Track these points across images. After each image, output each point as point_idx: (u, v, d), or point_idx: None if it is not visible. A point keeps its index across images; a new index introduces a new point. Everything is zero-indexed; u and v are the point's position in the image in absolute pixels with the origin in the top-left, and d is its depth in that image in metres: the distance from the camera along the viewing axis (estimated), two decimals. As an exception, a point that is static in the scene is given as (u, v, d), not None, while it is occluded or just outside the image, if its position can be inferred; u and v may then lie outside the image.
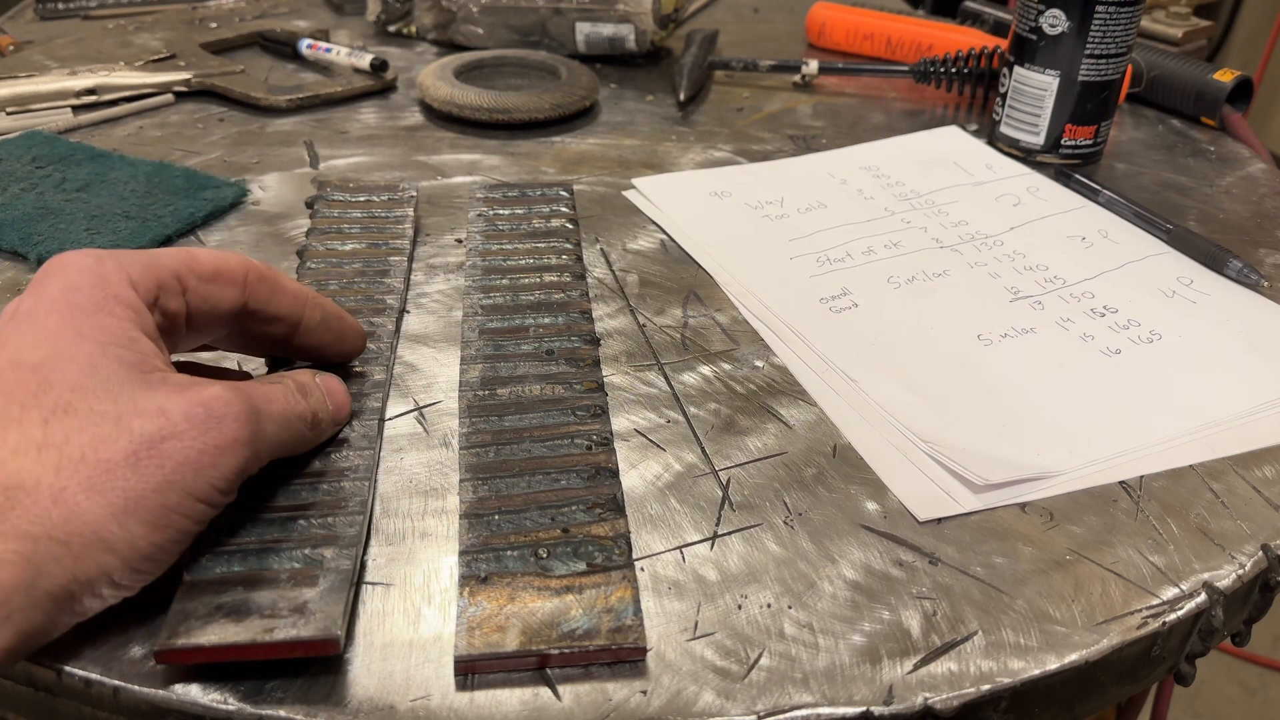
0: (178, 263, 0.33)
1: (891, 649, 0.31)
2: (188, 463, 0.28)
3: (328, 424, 0.35)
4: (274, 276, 0.35)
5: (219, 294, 0.33)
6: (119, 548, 0.27)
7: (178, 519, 0.28)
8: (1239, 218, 0.58)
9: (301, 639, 0.28)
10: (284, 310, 0.35)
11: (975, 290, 0.49)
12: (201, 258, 0.33)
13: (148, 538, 0.27)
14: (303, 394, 0.34)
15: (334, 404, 0.36)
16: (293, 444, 0.33)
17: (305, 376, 0.35)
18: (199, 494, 0.28)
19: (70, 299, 0.29)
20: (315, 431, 0.34)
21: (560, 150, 0.63)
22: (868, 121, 0.70)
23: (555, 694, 0.29)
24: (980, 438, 0.39)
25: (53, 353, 0.28)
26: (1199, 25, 1.34)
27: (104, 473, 0.27)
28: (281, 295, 0.35)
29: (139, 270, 0.31)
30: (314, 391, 0.35)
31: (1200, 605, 0.33)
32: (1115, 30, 0.58)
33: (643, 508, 0.36)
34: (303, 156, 0.61)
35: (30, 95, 0.65)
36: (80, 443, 0.27)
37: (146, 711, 0.29)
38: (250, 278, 0.34)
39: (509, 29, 0.76)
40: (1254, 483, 0.38)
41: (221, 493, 0.29)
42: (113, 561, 0.27)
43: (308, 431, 0.34)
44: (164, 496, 0.28)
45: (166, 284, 0.32)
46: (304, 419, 0.33)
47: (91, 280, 0.30)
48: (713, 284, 0.50)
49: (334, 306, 0.38)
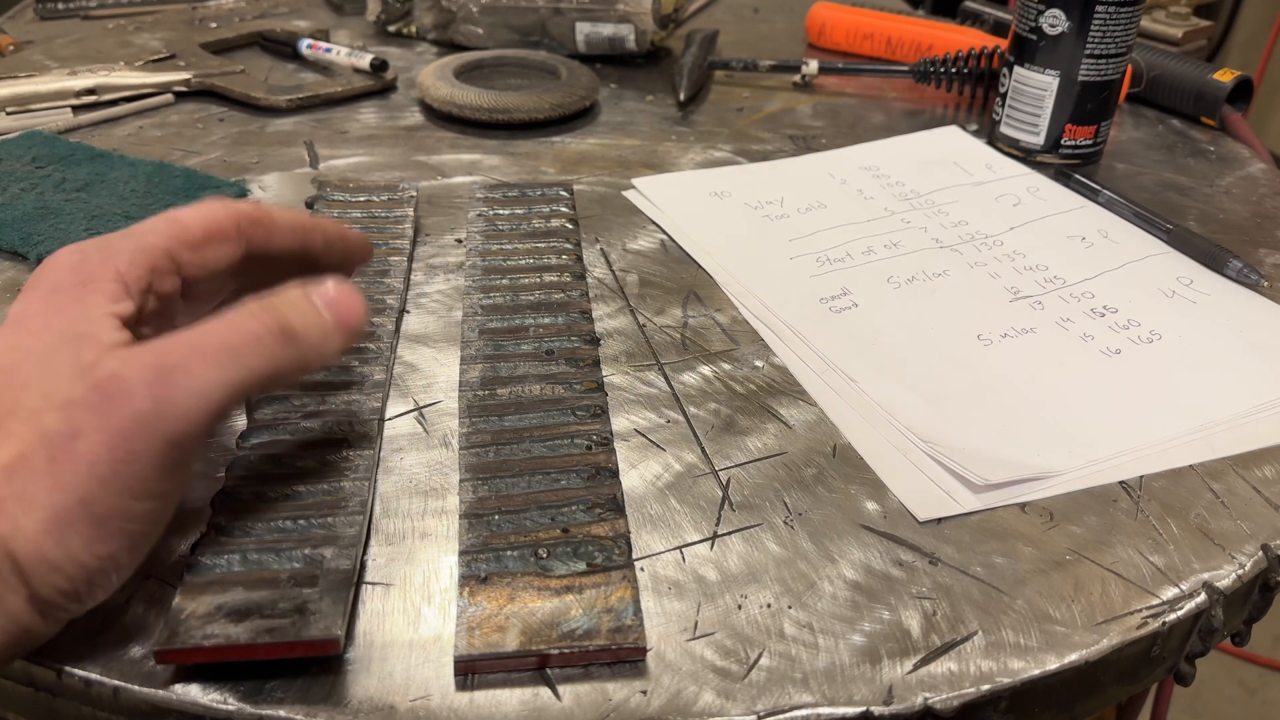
0: (166, 238, 0.31)
1: (891, 649, 0.31)
2: (101, 460, 0.25)
3: (321, 335, 0.30)
4: (267, 217, 0.33)
5: (215, 255, 0.32)
6: (63, 566, 0.25)
7: (116, 525, 0.26)
8: (1239, 218, 0.58)
9: (301, 639, 0.28)
10: (285, 246, 0.34)
11: (975, 290, 0.49)
12: (189, 224, 0.31)
13: (89, 551, 0.26)
14: (265, 310, 0.29)
15: (334, 312, 0.31)
16: (260, 373, 0.28)
17: (287, 289, 0.31)
18: (128, 492, 0.26)
19: (52, 300, 0.29)
20: (297, 348, 0.29)
21: (560, 150, 0.63)
22: (868, 121, 0.70)
23: (555, 694, 0.29)
24: (980, 438, 0.39)
25: (24, 354, 0.27)
26: (1199, 25, 1.34)
27: (31, 483, 0.25)
28: (279, 233, 0.34)
29: (127, 260, 0.30)
30: (290, 303, 0.30)
31: (1200, 605, 0.33)
32: (1115, 30, 0.58)
33: (643, 508, 0.36)
34: (303, 156, 0.61)
35: (30, 95, 0.65)
36: (11, 448, 0.26)
37: (146, 711, 0.29)
38: (243, 226, 0.32)
39: (509, 29, 0.76)
40: (1254, 483, 0.38)
41: (157, 480, 0.26)
42: (61, 580, 0.25)
43: (281, 350, 0.29)
44: (91, 507, 0.25)
45: (158, 265, 0.30)
46: (262, 339, 0.29)
47: (74, 279, 0.29)
48: (713, 284, 0.50)
49: (334, 226, 0.36)
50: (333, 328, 0.31)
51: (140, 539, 0.27)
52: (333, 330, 0.31)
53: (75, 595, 0.26)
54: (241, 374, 0.28)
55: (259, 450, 0.35)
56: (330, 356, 0.31)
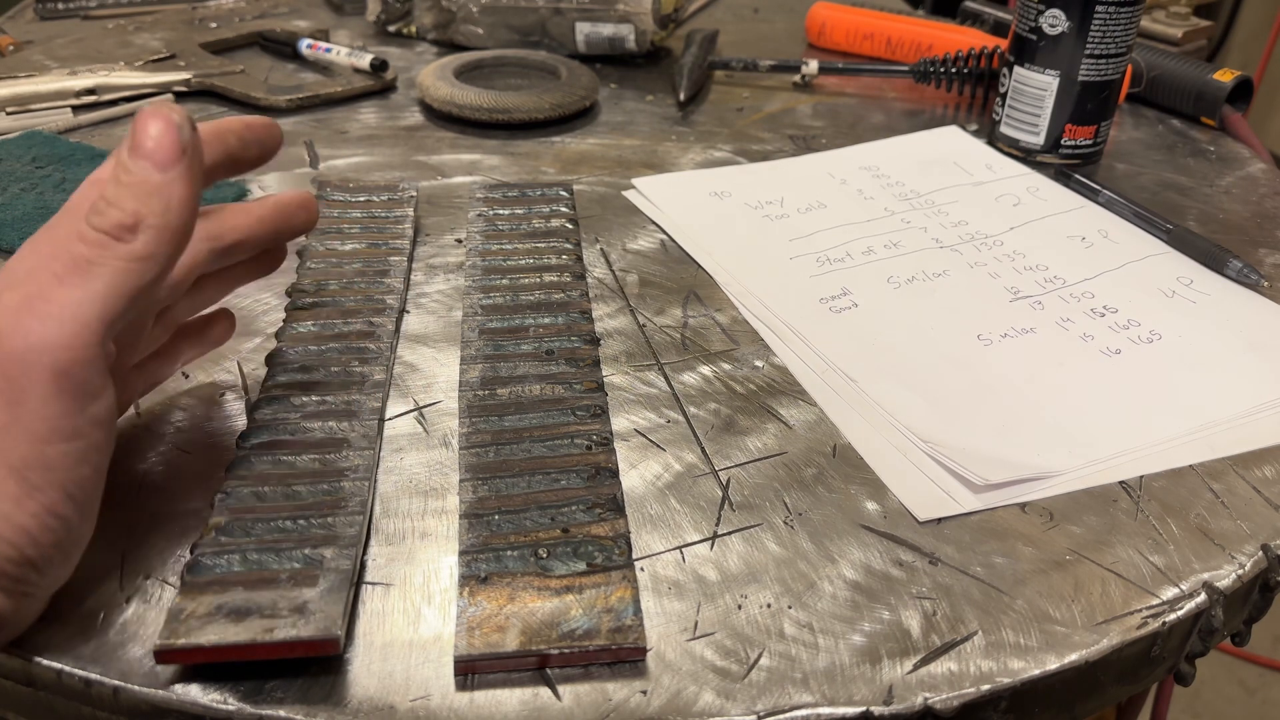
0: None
1: (891, 649, 0.31)
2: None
3: (156, 200, 0.26)
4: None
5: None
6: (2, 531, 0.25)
7: (40, 476, 0.25)
8: (1239, 218, 0.58)
9: (301, 639, 0.28)
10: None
11: (975, 290, 0.49)
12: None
13: (22, 508, 0.25)
14: (96, 213, 0.26)
15: (153, 155, 0.26)
16: (124, 281, 0.26)
17: (102, 172, 0.28)
18: (37, 435, 0.25)
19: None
20: (145, 233, 0.26)
21: (560, 150, 0.63)
22: (868, 121, 0.70)
23: (555, 694, 0.29)
24: (980, 438, 0.39)
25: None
26: (1199, 25, 1.34)
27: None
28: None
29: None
30: (110, 195, 0.27)
31: (1200, 605, 0.33)
32: (1115, 30, 0.58)
33: (643, 508, 0.36)
34: (303, 156, 0.61)
35: (30, 95, 0.65)
36: None
37: (146, 711, 0.29)
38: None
39: (509, 29, 0.76)
40: (1254, 483, 0.38)
41: (60, 418, 0.25)
42: (5, 548, 0.25)
43: (130, 244, 0.26)
44: (3, 460, 0.25)
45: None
46: (104, 243, 0.26)
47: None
48: (713, 284, 0.50)
49: (234, 122, 0.34)
50: (160, 179, 0.27)
51: (75, 488, 0.26)
52: (163, 182, 0.27)
53: (29, 562, 0.26)
54: (103, 286, 0.26)
55: (259, 450, 0.35)
56: (184, 209, 0.27)
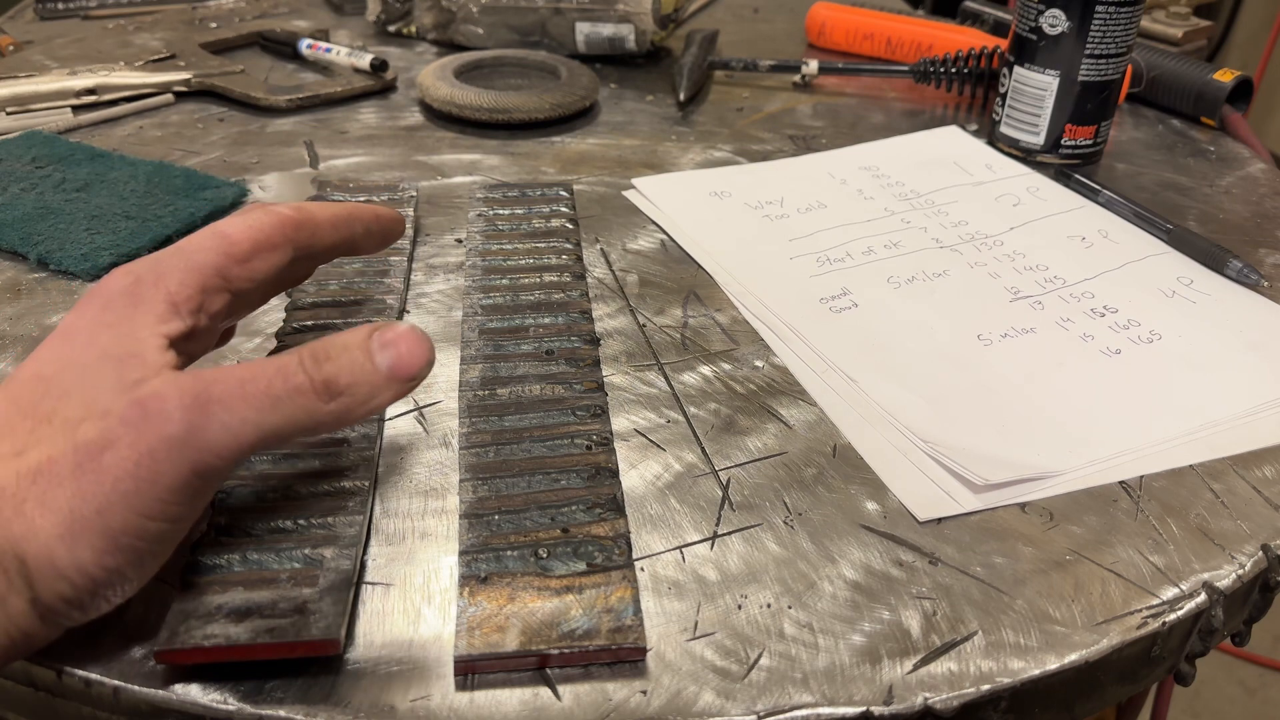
0: (215, 255, 0.31)
1: (891, 649, 0.31)
2: (126, 475, 0.26)
3: (370, 388, 0.29)
4: (310, 219, 0.33)
5: (263, 265, 0.32)
6: (69, 573, 0.26)
7: (127, 541, 0.26)
8: (1239, 218, 0.58)
9: (301, 639, 0.28)
10: (329, 243, 0.34)
11: (975, 290, 0.49)
12: (237, 239, 0.31)
13: (98, 563, 0.26)
14: (314, 360, 0.28)
15: (391, 360, 0.29)
16: (296, 423, 0.28)
17: (348, 335, 0.29)
18: (145, 512, 0.26)
19: (101, 316, 0.29)
20: (341, 402, 0.28)
21: (560, 150, 0.63)
22: (868, 121, 0.70)
23: (555, 694, 0.29)
24: (980, 438, 0.39)
25: (65, 365, 0.28)
26: (1199, 25, 1.34)
27: (55, 487, 0.26)
28: (322, 232, 0.34)
29: (177, 281, 0.30)
30: (344, 353, 0.29)
31: (1200, 605, 0.33)
32: (1115, 30, 0.58)
33: (643, 508, 0.36)
34: (303, 156, 0.61)
35: (30, 95, 0.65)
36: (41, 452, 0.26)
37: (146, 711, 0.29)
38: (288, 232, 0.32)
39: (509, 29, 0.76)
40: (1254, 483, 0.38)
41: (174, 504, 0.27)
42: (65, 588, 0.26)
43: (323, 405, 0.28)
44: (107, 519, 0.26)
45: (209, 284, 0.31)
46: (304, 391, 0.28)
47: (125, 301, 0.30)
48: (713, 284, 0.50)
49: (369, 211, 0.36)
50: (384, 381, 0.29)
51: (148, 557, 0.27)
52: (384, 384, 0.29)
53: (78, 604, 0.27)
54: (277, 421, 0.28)
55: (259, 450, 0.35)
56: (379, 408, 0.30)
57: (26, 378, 0.28)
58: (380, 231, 0.37)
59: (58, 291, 0.47)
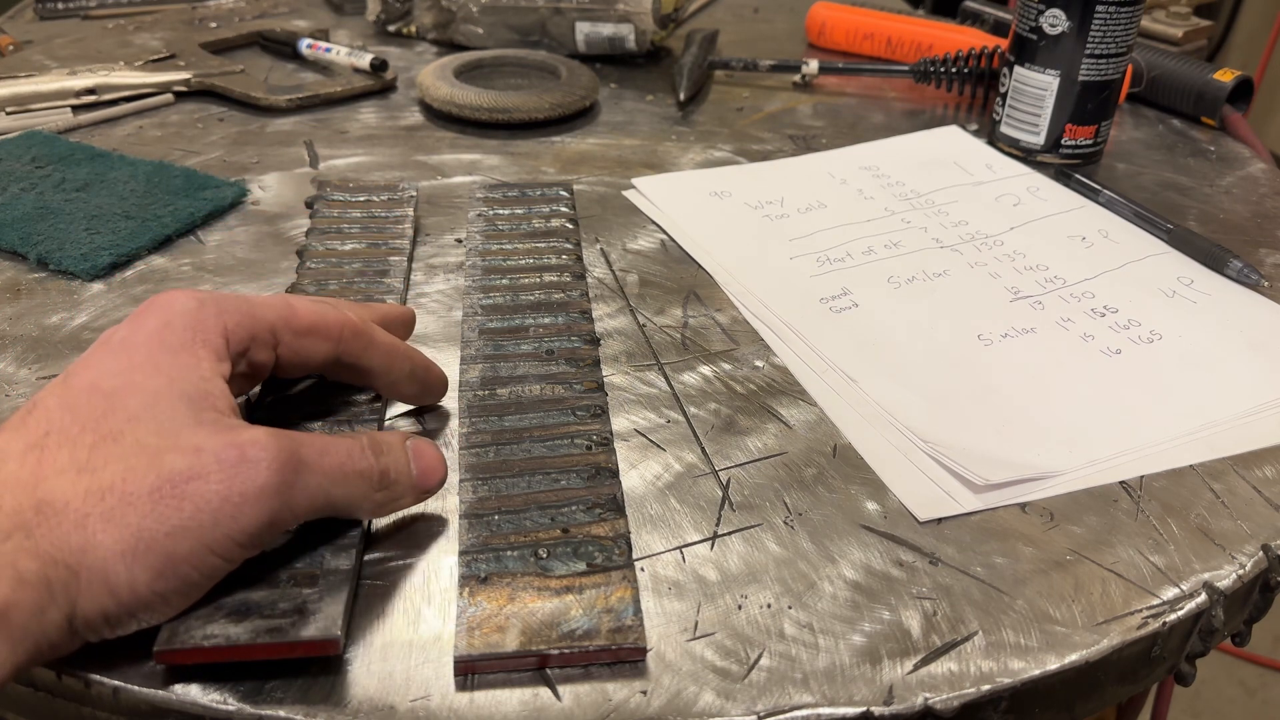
0: (275, 315, 0.33)
1: (892, 649, 0.31)
2: (207, 509, 0.27)
3: (406, 487, 0.32)
4: (368, 332, 0.35)
5: (312, 348, 0.34)
6: (120, 591, 0.26)
7: (186, 570, 0.27)
8: (1239, 218, 0.58)
9: (301, 639, 0.28)
10: (375, 364, 0.36)
11: (975, 290, 0.49)
12: (300, 312, 0.33)
13: (150, 585, 0.26)
14: (375, 451, 0.31)
15: (420, 468, 0.33)
16: (351, 502, 0.31)
17: (393, 436, 0.33)
18: (214, 546, 0.27)
19: (162, 336, 0.30)
20: (386, 493, 0.31)
21: (560, 150, 0.63)
22: (868, 121, 0.70)
23: (555, 694, 0.29)
24: (980, 438, 0.39)
25: (127, 383, 0.29)
26: (1199, 25, 1.34)
27: (125, 505, 0.26)
28: (374, 351, 0.35)
29: (235, 320, 0.32)
30: (393, 451, 0.32)
31: (1200, 605, 0.33)
32: (1115, 30, 0.58)
33: (643, 508, 0.36)
34: (302, 156, 0.61)
35: (30, 95, 0.65)
36: (113, 471, 0.27)
37: (146, 711, 0.29)
38: (345, 334, 0.34)
39: (509, 29, 0.76)
40: (1254, 483, 0.38)
41: (241, 546, 0.28)
42: (110, 604, 0.26)
43: (375, 492, 0.31)
44: (175, 543, 0.26)
45: (260, 337, 0.32)
46: (367, 477, 0.31)
47: (186, 322, 0.30)
48: (713, 284, 0.50)
49: (421, 357, 0.38)
50: (414, 485, 0.32)
51: (194, 589, 0.28)
52: (413, 487, 0.32)
53: (115, 621, 0.27)
54: (342, 496, 0.30)
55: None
56: (401, 508, 0.33)
57: (83, 387, 0.29)
58: (423, 381, 0.38)
59: (57, 291, 0.47)
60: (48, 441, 0.27)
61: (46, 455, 0.27)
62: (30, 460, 0.27)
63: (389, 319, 0.39)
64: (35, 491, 0.26)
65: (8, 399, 0.40)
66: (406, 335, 0.41)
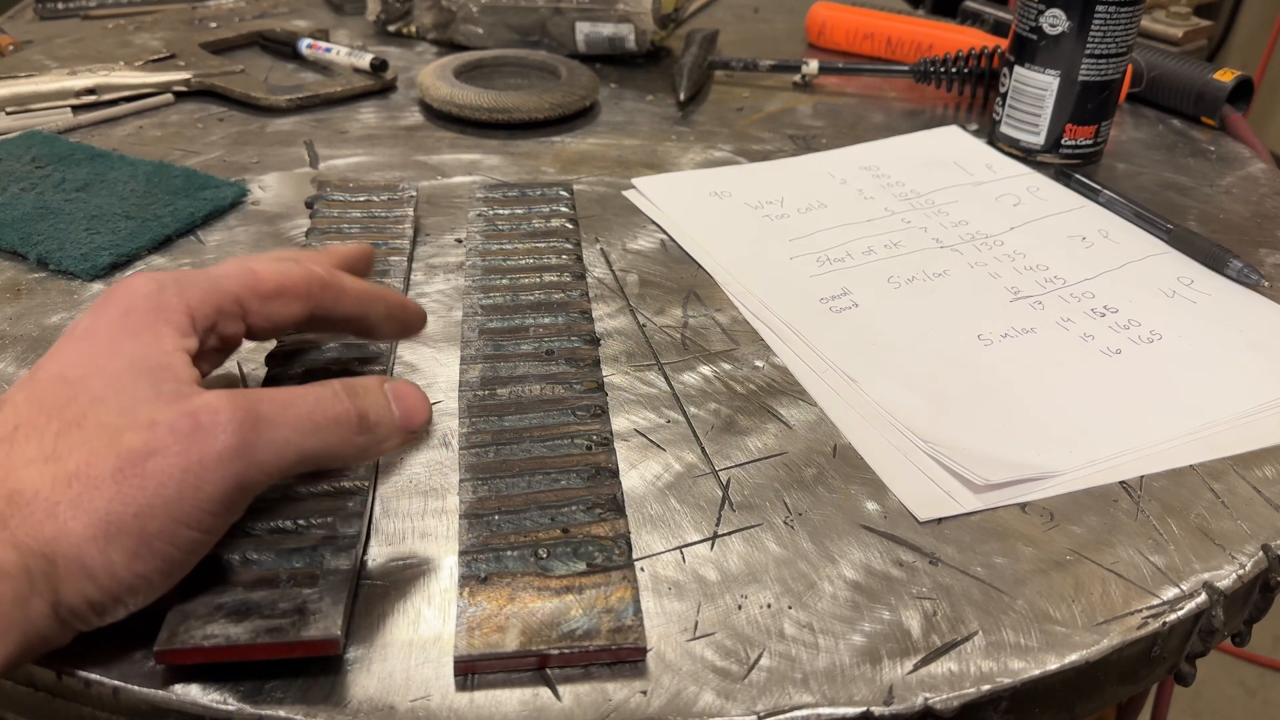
0: (238, 284, 0.32)
1: (892, 649, 0.31)
2: (170, 484, 0.26)
3: (389, 429, 0.31)
4: (337, 282, 0.35)
5: (282, 310, 0.33)
6: (98, 575, 0.26)
7: (161, 547, 0.27)
8: (1239, 218, 0.58)
9: (301, 639, 0.28)
10: (350, 313, 0.35)
11: (975, 290, 0.49)
12: (264, 276, 0.33)
13: (128, 566, 0.26)
14: (349, 394, 0.31)
15: (402, 409, 0.32)
16: (330, 450, 0.30)
17: (369, 379, 0.32)
18: (185, 519, 0.27)
19: (124, 322, 0.30)
20: (369, 436, 0.31)
21: (560, 150, 0.63)
22: (868, 121, 0.70)
23: (555, 694, 0.29)
24: (980, 438, 0.39)
25: (91, 369, 0.29)
26: (1199, 25, 1.34)
27: (91, 490, 0.26)
28: (346, 299, 0.35)
29: (198, 296, 0.31)
30: (370, 393, 0.31)
31: (1200, 605, 0.33)
32: (1115, 30, 0.58)
33: (643, 508, 0.36)
34: (302, 156, 0.61)
35: (30, 95, 0.65)
36: (78, 458, 0.27)
37: (146, 711, 0.29)
38: (314, 289, 0.34)
39: (509, 29, 0.76)
40: (1254, 483, 0.38)
41: (212, 515, 0.27)
42: (92, 590, 0.26)
43: (355, 436, 0.30)
44: (144, 522, 0.26)
45: (226, 309, 0.32)
46: (343, 421, 0.30)
47: (148, 305, 0.30)
48: (713, 284, 0.50)
49: (395, 296, 0.37)
50: (398, 425, 0.32)
51: (176, 566, 0.28)
52: (398, 428, 0.32)
53: (100, 608, 0.27)
54: (316, 446, 0.29)
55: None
56: (388, 451, 0.32)
57: (49, 378, 0.29)
58: (401, 319, 0.38)
59: (57, 291, 0.47)
60: (16, 435, 0.27)
61: (15, 448, 0.27)
62: (0, 455, 0.27)
63: (349, 260, 0.38)
64: (6, 484, 0.26)
65: (8, 399, 0.40)
66: (368, 271, 0.40)
